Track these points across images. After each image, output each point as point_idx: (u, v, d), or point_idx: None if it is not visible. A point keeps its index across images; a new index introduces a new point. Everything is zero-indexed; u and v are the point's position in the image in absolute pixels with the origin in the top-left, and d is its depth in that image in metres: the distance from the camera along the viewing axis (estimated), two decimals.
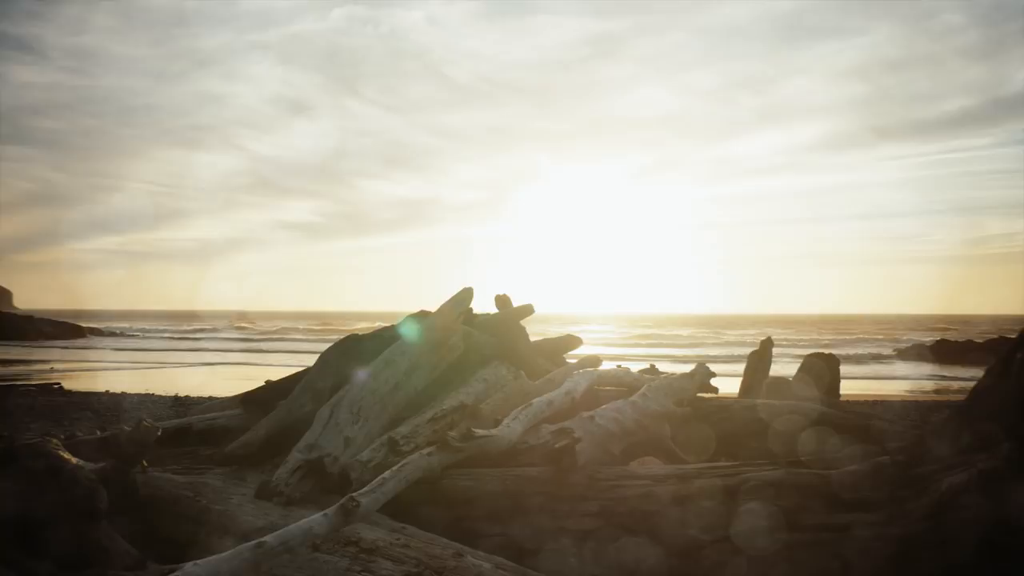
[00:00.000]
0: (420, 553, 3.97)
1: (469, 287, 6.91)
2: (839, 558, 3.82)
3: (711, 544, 4.12)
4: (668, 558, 4.19)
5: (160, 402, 15.66)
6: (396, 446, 5.16)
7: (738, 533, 4.09)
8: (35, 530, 3.77)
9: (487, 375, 6.50)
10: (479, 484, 4.82)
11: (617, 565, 4.29)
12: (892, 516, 3.83)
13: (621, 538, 4.33)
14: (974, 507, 3.59)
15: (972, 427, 4.32)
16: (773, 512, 4.07)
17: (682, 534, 4.21)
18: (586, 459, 4.98)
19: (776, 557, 3.97)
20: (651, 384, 6.58)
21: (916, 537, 3.67)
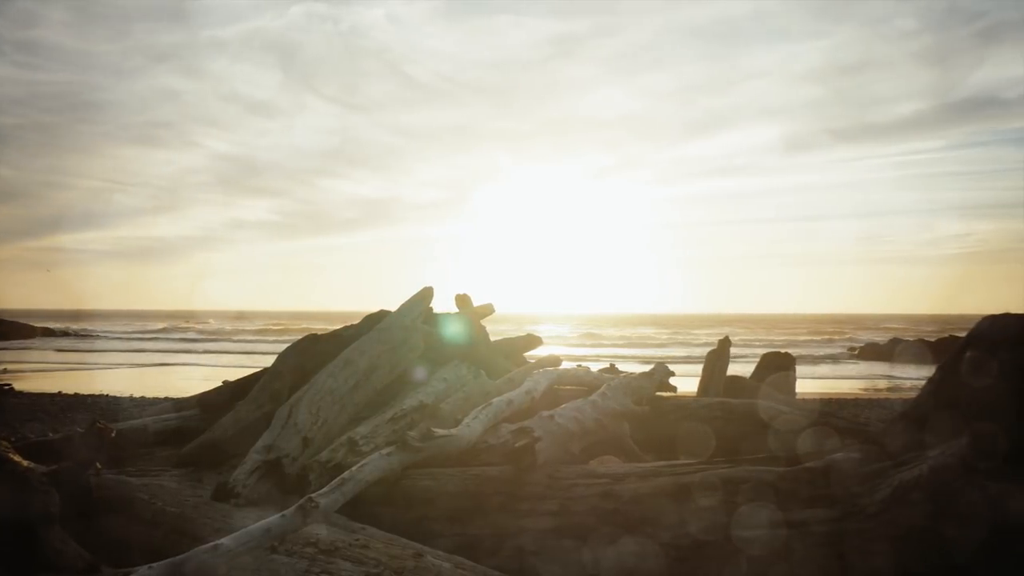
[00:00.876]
0: (379, 554, 3.95)
1: (429, 286, 6.90)
2: (795, 553, 3.87)
3: (672, 542, 4.15)
4: (630, 555, 4.21)
5: (115, 403, 15.41)
6: (355, 446, 5.14)
7: (698, 530, 4.13)
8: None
9: (447, 375, 6.50)
10: (439, 484, 4.81)
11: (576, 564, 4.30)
12: (846, 512, 3.89)
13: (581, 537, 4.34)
14: (924, 503, 3.66)
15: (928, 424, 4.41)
16: (731, 509, 4.11)
17: (643, 532, 4.23)
18: (546, 458, 4.99)
19: (734, 553, 4.01)
20: (610, 383, 6.62)
21: (869, 532, 3.73)
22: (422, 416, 5.79)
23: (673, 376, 7.76)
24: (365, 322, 7.07)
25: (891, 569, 3.64)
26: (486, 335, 7.71)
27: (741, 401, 7.49)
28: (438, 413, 5.90)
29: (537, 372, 6.99)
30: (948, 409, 4.41)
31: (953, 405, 4.39)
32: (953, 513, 3.58)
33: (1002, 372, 4.27)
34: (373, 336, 6.37)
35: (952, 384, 4.48)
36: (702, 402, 7.55)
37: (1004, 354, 4.31)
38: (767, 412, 7.11)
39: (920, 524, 3.61)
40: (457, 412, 5.91)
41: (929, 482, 3.72)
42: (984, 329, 4.49)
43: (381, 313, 7.04)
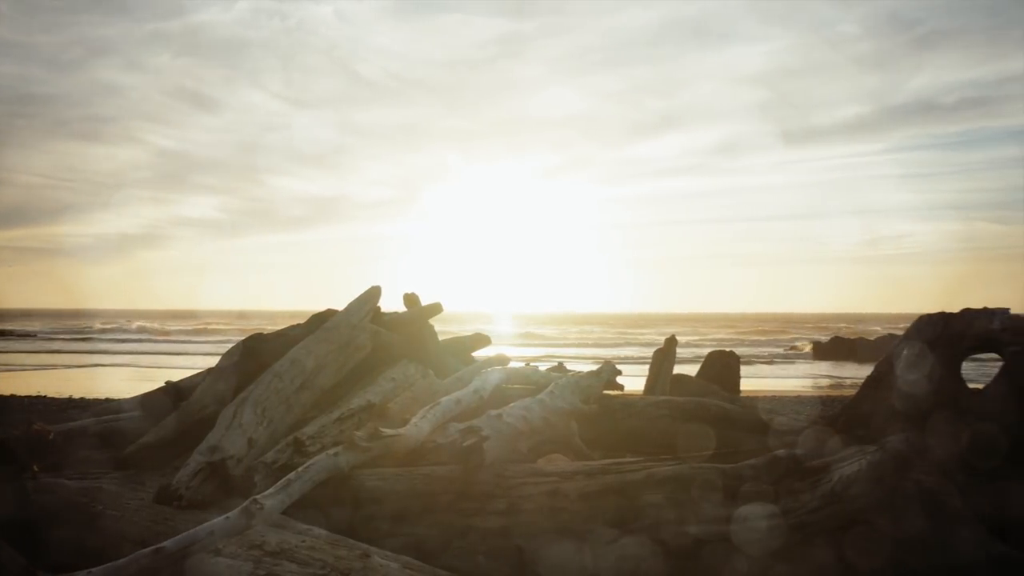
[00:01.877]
0: (326, 555, 3.92)
1: (377, 286, 6.87)
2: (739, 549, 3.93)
3: (619, 539, 4.19)
4: (576, 553, 4.24)
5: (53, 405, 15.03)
6: (302, 447, 5.09)
7: (643, 527, 4.17)
8: None
9: (395, 374, 6.47)
10: (387, 484, 4.80)
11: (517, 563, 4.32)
12: (788, 507, 3.96)
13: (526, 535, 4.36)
14: (863, 497, 3.75)
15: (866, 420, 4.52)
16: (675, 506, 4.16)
17: (591, 530, 4.27)
18: (494, 457, 5.00)
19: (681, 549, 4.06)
20: (558, 382, 6.65)
21: (810, 526, 3.81)
22: (370, 416, 5.76)
23: (620, 375, 7.82)
24: (312, 321, 7.01)
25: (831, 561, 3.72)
26: (434, 334, 7.70)
27: (687, 399, 7.58)
28: (386, 413, 5.88)
29: (485, 371, 6.99)
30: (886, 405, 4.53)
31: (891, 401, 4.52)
32: (890, 506, 3.68)
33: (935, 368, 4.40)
34: (320, 335, 6.32)
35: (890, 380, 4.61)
36: (648, 400, 7.63)
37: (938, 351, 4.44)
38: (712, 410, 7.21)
39: (859, 518, 3.70)
40: (405, 411, 5.89)
41: (868, 477, 3.81)
42: (919, 328, 4.62)
43: (328, 312, 6.99)
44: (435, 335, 7.69)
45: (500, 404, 6.05)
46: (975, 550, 3.50)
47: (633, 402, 7.48)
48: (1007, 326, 4.35)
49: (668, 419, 7.01)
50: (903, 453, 3.84)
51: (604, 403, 7.11)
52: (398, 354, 6.85)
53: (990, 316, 4.42)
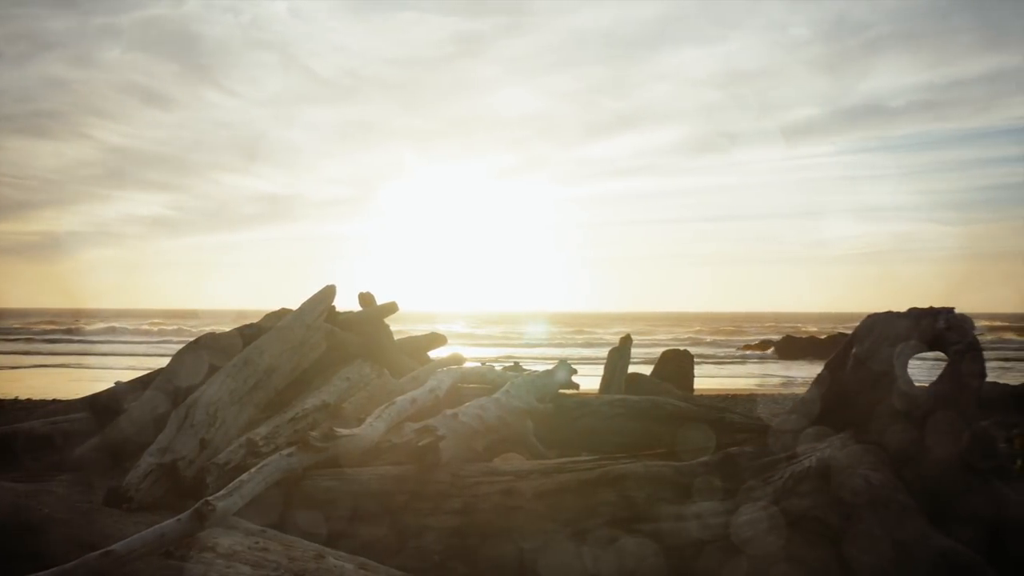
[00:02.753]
0: (280, 556, 3.89)
1: (331, 285, 6.83)
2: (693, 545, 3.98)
3: (574, 537, 4.21)
4: (532, 551, 4.26)
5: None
6: (255, 447, 5.05)
7: (598, 525, 4.20)
8: None
9: (350, 374, 6.44)
10: (341, 484, 4.77)
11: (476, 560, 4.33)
12: (740, 504, 4.02)
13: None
14: (813, 493, 3.82)
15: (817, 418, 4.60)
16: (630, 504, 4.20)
17: (544, 528, 4.29)
18: (449, 456, 5.00)
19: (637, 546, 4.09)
20: (514, 381, 6.67)
21: (760, 523, 3.87)
22: (324, 416, 5.73)
23: (576, 374, 7.87)
24: (265, 321, 6.95)
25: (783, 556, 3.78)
26: (389, 334, 7.67)
27: (641, 398, 7.65)
28: (340, 412, 5.85)
29: (441, 371, 6.99)
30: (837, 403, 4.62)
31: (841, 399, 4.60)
32: (838, 502, 3.75)
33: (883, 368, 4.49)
34: (274, 335, 6.27)
35: (839, 378, 4.69)
36: (603, 399, 7.68)
37: (885, 350, 4.54)
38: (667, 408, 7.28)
39: (809, 514, 3.76)
40: (360, 411, 5.87)
41: (817, 473, 3.88)
42: (868, 327, 4.71)
43: (282, 312, 6.94)
44: (390, 334, 7.67)
45: (456, 404, 6.05)
46: (922, 545, 3.57)
47: (588, 401, 7.53)
48: (952, 325, 4.45)
49: (623, 418, 7.06)
50: (852, 449, 3.91)
51: (559, 402, 7.15)
52: (353, 353, 6.81)
53: (935, 315, 4.52)
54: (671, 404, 7.40)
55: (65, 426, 6.50)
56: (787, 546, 3.76)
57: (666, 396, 8.33)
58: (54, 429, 6.47)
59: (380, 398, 6.12)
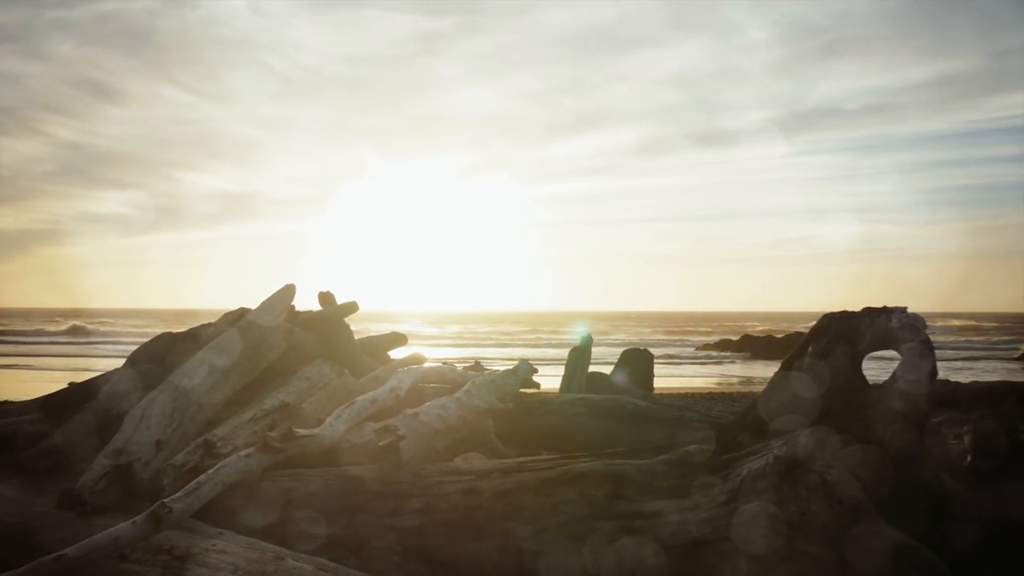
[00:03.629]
0: (238, 558, 3.86)
1: (291, 284, 6.78)
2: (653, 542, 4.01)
3: (533, 536, 4.23)
4: (491, 551, 4.26)
5: None
6: (213, 448, 5.00)
7: (558, 523, 4.22)
8: None
9: (310, 374, 6.39)
10: (301, 485, 4.74)
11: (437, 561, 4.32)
12: (699, 502, 4.06)
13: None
14: (769, 490, 3.87)
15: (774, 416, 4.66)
16: (589, 502, 4.23)
17: (506, 527, 4.30)
18: (410, 456, 4.99)
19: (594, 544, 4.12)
20: (475, 381, 6.67)
21: (719, 520, 3.92)
22: (283, 416, 5.68)
23: (536, 373, 7.89)
24: (224, 320, 6.88)
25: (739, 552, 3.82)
26: (350, 333, 7.64)
27: (602, 396, 7.70)
28: (300, 413, 5.81)
29: (401, 370, 6.97)
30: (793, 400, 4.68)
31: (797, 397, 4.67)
32: (794, 498, 3.80)
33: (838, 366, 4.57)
34: (232, 335, 6.20)
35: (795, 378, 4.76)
36: (565, 398, 7.72)
37: (841, 349, 4.61)
38: (627, 407, 7.33)
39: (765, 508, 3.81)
40: (320, 411, 5.83)
41: (774, 470, 3.93)
42: (823, 326, 4.79)
43: (241, 311, 6.88)
44: (351, 334, 7.63)
45: (417, 403, 6.04)
46: (875, 541, 3.64)
47: (549, 400, 7.56)
48: (904, 324, 4.53)
49: (583, 417, 7.10)
50: (808, 447, 3.97)
51: (520, 401, 7.17)
52: (313, 353, 6.77)
53: (889, 314, 4.60)
54: (631, 403, 7.46)
55: (16, 427, 6.39)
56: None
57: (626, 395, 8.39)
58: (4, 430, 6.35)
59: (340, 398, 6.09)
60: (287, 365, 6.49)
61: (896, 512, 3.91)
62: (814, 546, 3.70)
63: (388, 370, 7.06)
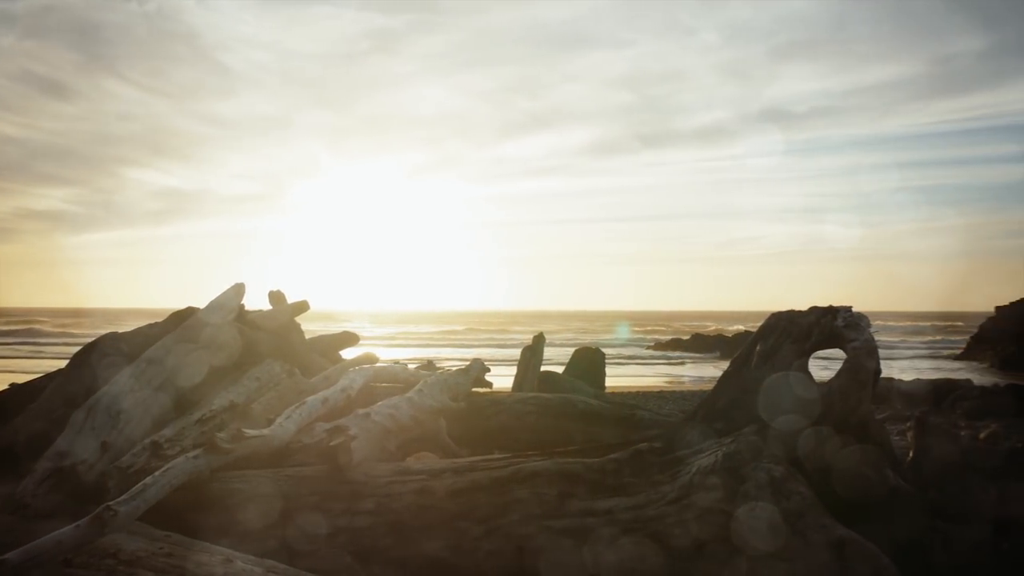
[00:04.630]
0: (186, 561, 3.80)
1: (240, 283, 6.71)
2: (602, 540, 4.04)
3: (485, 535, 4.23)
4: (443, 549, 4.26)
5: None
6: (160, 450, 4.92)
7: (511, 522, 4.23)
8: None
9: (259, 373, 6.32)
10: (251, 486, 4.68)
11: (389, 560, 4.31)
12: (649, 499, 4.10)
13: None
14: (719, 487, 3.92)
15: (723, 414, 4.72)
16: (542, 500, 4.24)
17: (458, 526, 4.30)
18: (362, 456, 4.96)
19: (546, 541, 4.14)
20: (427, 380, 6.65)
21: (669, 516, 3.96)
22: (232, 417, 5.62)
23: (489, 372, 7.89)
24: (171, 320, 6.79)
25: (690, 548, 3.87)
26: (300, 333, 7.58)
27: (554, 395, 7.73)
28: (249, 413, 5.75)
29: (353, 370, 6.92)
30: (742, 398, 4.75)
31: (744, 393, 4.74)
32: (743, 494, 3.86)
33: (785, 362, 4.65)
34: (180, 334, 6.12)
35: (744, 374, 4.83)
36: (516, 397, 7.73)
37: (788, 347, 4.69)
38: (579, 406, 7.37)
39: (715, 507, 3.87)
40: (270, 412, 5.78)
41: (723, 467, 3.99)
42: (771, 325, 4.87)
43: (188, 310, 6.79)
44: (301, 333, 7.57)
45: (368, 403, 6.01)
46: (820, 534, 3.71)
47: (501, 399, 7.56)
48: (849, 323, 4.63)
49: (535, 415, 7.12)
50: (756, 444, 4.03)
51: (473, 400, 7.16)
52: (263, 353, 6.70)
53: (834, 313, 4.70)
54: (583, 402, 7.49)
55: None
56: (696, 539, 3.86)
57: (578, 394, 8.44)
58: None
59: (290, 398, 6.04)
60: (237, 365, 6.42)
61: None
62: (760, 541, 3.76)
63: (339, 370, 7.01)
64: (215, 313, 6.42)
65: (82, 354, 6.37)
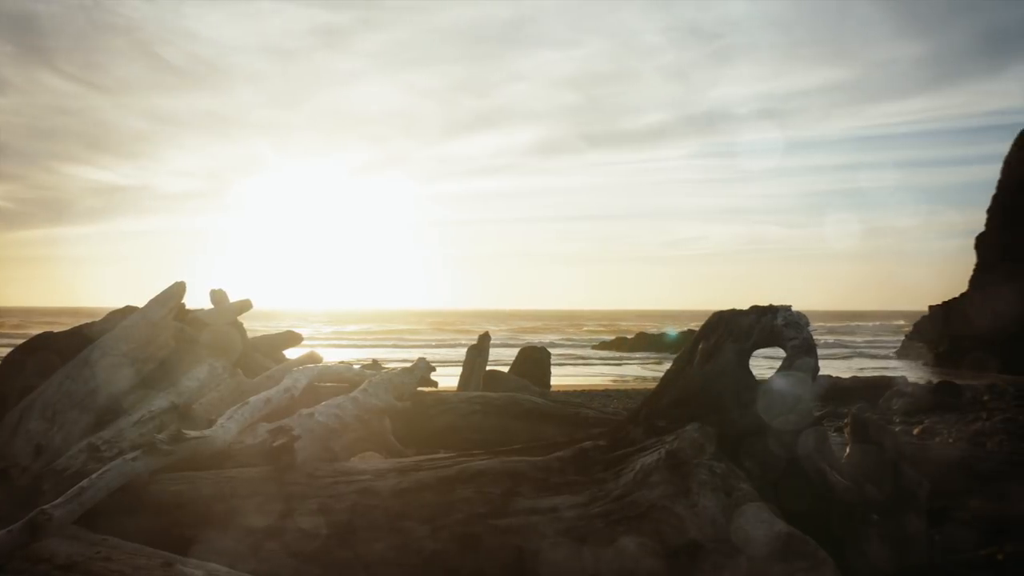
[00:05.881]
0: (124, 566, 3.74)
1: (181, 281, 6.62)
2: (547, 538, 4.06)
3: (432, 535, 4.23)
4: (387, 550, 4.25)
5: None
6: (97, 452, 4.83)
7: (456, 521, 4.24)
8: None
9: (201, 373, 6.24)
10: (192, 488, 4.62)
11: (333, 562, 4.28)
12: (593, 497, 4.14)
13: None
14: (662, 484, 3.97)
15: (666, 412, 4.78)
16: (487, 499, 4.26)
17: (403, 526, 4.29)
18: (305, 457, 4.93)
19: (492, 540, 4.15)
20: (372, 380, 6.63)
21: (613, 514, 4.00)
22: (173, 418, 5.53)
23: (434, 371, 7.88)
24: (109, 319, 6.66)
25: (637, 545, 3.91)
26: (243, 332, 7.48)
27: (499, 394, 7.75)
28: (190, 414, 5.67)
29: (297, 369, 6.87)
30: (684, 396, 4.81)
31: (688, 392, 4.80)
32: (685, 492, 3.92)
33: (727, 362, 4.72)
34: (118, 334, 6.00)
35: (688, 372, 4.89)
36: (462, 396, 7.74)
37: (729, 346, 4.77)
38: (524, 404, 7.40)
39: (658, 504, 3.91)
40: (211, 412, 5.71)
41: (666, 464, 4.04)
42: (713, 324, 4.94)
43: (127, 309, 6.67)
44: (244, 333, 7.48)
45: (313, 403, 5.97)
46: (761, 530, 3.78)
47: (446, 398, 7.56)
48: (789, 322, 4.72)
49: (481, 415, 7.13)
50: (698, 441, 4.09)
51: (418, 400, 7.15)
52: (204, 353, 6.61)
53: (774, 312, 4.78)
54: (528, 401, 7.53)
55: None
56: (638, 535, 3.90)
57: (523, 392, 8.47)
58: None
59: (232, 398, 5.98)
60: (177, 365, 6.32)
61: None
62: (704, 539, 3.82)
63: (283, 369, 6.94)
64: (154, 312, 6.31)
65: (15, 354, 6.22)
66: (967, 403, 14.87)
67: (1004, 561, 4.81)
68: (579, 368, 34.17)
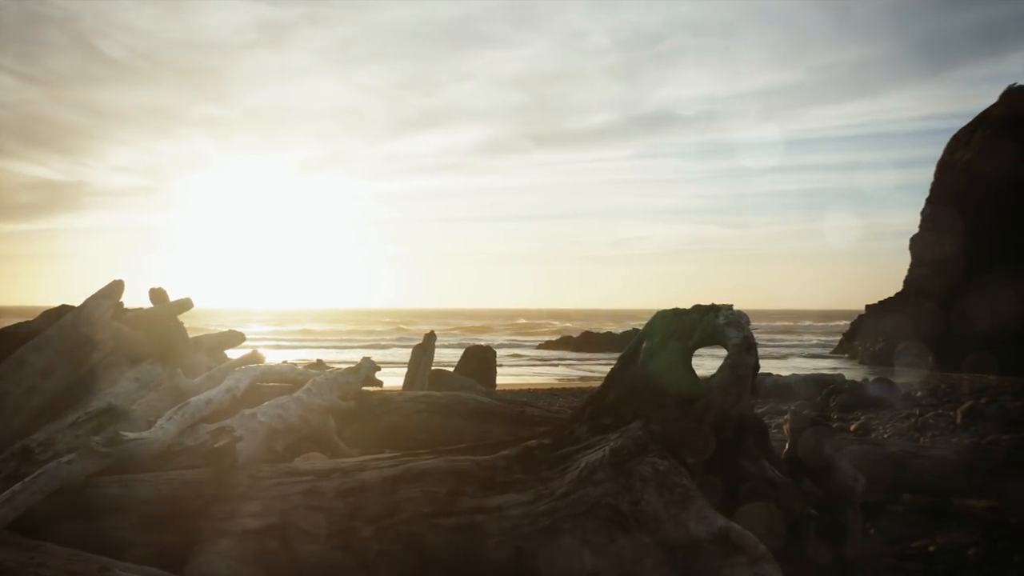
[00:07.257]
0: (59, 571, 3.65)
1: (119, 280, 6.49)
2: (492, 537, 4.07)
3: (377, 535, 4.21)
4: (332, 551, 4.22)
5: None
6: (31, 455, 4.71)
7: (401, 521, 4.22)
8: None
9: (139, 374, 6.12)
10: (129, 491, 4.52)
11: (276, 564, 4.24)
12: (539, 495, 4.16)
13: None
14: (606, 481, 4.01)
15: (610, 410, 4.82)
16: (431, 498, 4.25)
17: (348, 527, 4.26)
18: (247, 457, 4.87)
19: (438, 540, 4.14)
20: (316, 379, 6.57)
21: (558, 512, 4.03)
22: (110, 419, 5.42)
23: (379, 371, 7.84)
24: (43, 319, 6.50)
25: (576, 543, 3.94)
26: (183, 331, 7.35)
27: (444, 394, 7.74)
28: (129, 415, 5.56)
29: (239, 369, 6.77)
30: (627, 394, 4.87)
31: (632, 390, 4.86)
32: (628, 489, 3.96)
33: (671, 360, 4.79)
34: (53, 333, 5.85)
35: (632, 370, 4.95)
36: (407, 395, 7.71)
37: (673, 344, 4.84)
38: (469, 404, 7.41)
39: (602, 501, 3.95)
40: (151, 413, 5.60)
41: (610, 462, 4.08)
42: (656, 322, 5.00)
43: (63, 308, 6.52)
44: (184, 332, 7.36)
45: (255, 403, 5.90)
46: (701, 525, 3.83)
47: (391, 398, 7.53)
48: (730, 320, 4.80)
49: (426, 414, 7.12)
50: (641, 439, 4.14)
51: (362, 399, 7.11)
52: (143, 353, 6.49)
53: (716, 311, 4.86)
54: (474, 400, 7.54)
55: None
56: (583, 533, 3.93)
57: (469, 392, 8.47)
58: None
59: (172, 399, 5.87)
60: (114, 365, 6.20)
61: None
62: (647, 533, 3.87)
63: (224, 369, 6.84)
64: (91, 311, 6.17)
65: None
66: (901, 400, 15.32)
67: (935, 553, 4.96)
68: (525, 367, 34.26)
